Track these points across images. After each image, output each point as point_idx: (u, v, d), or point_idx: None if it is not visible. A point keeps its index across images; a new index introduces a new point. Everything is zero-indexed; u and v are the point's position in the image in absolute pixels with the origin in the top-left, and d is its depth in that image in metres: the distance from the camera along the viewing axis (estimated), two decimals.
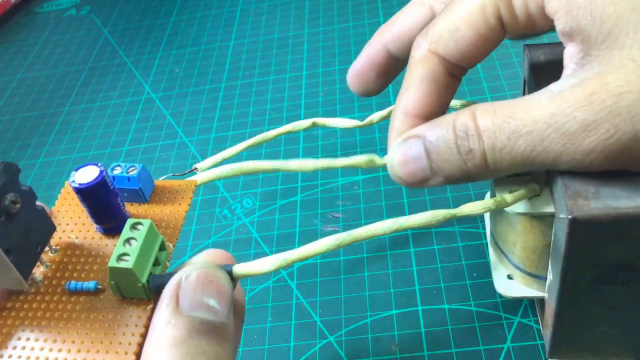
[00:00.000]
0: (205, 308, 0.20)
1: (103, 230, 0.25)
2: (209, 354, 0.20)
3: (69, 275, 0.24)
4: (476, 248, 0.35)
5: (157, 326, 0.20)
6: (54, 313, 0.23)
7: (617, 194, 0.21)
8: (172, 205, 0.26)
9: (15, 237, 0.22)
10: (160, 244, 0.23)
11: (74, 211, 0.26)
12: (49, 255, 0.24)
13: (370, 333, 0.32)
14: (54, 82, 0.59)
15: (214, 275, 0.21)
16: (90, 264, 0.24)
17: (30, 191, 0.23)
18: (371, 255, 0.36)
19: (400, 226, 0.23)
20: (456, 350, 0.31)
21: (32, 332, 0.22)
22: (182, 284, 0.21)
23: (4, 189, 0.21)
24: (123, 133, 0.50)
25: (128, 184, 0.25)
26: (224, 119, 0.49)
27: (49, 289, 0.23)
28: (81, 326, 0.22)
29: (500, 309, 0.32)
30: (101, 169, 0.24)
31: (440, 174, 0.23)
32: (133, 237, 0.22)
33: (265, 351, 0.32)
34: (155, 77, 0.56)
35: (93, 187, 0.23)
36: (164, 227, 0.25)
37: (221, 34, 0.60)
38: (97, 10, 0.69)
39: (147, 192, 0.26)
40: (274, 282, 0.36)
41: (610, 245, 0.21)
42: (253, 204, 0.41)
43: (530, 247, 0.25)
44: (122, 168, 0.26)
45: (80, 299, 0.23)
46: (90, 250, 0.24)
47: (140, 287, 0.22)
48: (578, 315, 0.24)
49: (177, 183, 0.27)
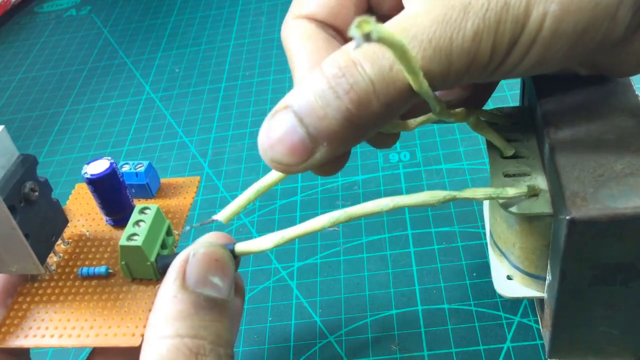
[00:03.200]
0: (210, 285, 0.21)
1: (113, 222, 0.27)
2: (211, 329, 0.21)
3: (80, 263, 0.26)
4: (476, 248, 0.35)
5: (163, 299, 0.21)
6: (67, 296, 0.24)
7: (615, 194, 0.21)
8: (177, 199, 0.28)
9: (33, 224, 0.24)
10: (167, 228, 0.24)
11: (85, 208, 0.28)
12: (61, 247, 0.26)
13: (370, 333, 0.32)
14: (54, 82, 0.59)
15: (218, 254, 0.22)
16: (101, 252, 0.26)
17: (46, 182, 0.25)
18: (371, 255, 0.36)
19: (396, 204, 0.21)
20: (456, 350, 0.31)
21: (47, 313, 0.24)
22: (189, 261, 0.22)
23: (24, 177, 0.23)
24: (123, 133, 0.50)
25: (136, 179, 0.27)
26: (224, 119, 0.49)
27: (62, 276, 0.25)
28: (93, 306, 0.24)
29: (500, 309, 0.32)
30: (111, 162, 0.26)
31: (321, 137, 0.20)
32: (142, 220, 0.23)
33: (265, 351, 0.33)
34: (155, 77, 0.56)
35: (104, 178, 0.25)
36: (170, 218, 0.27)
37: (221, 34, 0.60)
38: (97, 11, 0.69)
39: (154, 188, 0.28)
40: (274, 282, 0.36)
41: (609, 245, 0.21)
42: (253, 203, 0.41)
43: (529, 248, 0.25)
44: (130, 165, 0.28)
45: (92, 283, 0.25)
46: (101, 240, 0.26)
47: (149, 266, 0.23)
48: (577, 315, 0.24)
49: (182, 179, 0.29)
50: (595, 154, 0.23)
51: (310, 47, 0.24)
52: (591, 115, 0.24)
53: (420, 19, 0.19)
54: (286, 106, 0.20)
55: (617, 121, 0.24)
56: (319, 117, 0.19)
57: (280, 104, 0.20)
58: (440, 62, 0.19)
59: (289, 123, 0.20)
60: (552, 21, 0.19)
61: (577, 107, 0.23)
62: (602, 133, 0.23)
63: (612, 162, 0.22)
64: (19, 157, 0.24)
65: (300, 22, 0.25)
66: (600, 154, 0.23)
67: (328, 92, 0.19)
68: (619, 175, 0.22)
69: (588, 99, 0.22)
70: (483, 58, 0.19)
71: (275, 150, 0.20)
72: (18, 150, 0.24)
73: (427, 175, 0.40)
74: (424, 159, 0.42)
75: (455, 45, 0.19)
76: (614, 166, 0.22)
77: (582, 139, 0.23)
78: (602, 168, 0.22)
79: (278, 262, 0.37)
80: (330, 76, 0.19)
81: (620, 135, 0.23)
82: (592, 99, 0.24)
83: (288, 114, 0.20)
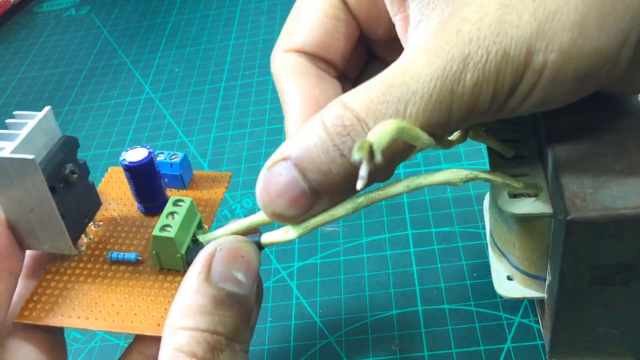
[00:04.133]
0: (233, 280, 0.22)
1: (144, 209, 0.27)
2: (230, 325, 0.21)
3: (110, 247, 0.26)
4: (476, 248, 0.35)
5: (186, 291, 0.21)
6: (95, 279, 0.25)
7: (615, 194, 0.21)
8: (208, 192, 0.28)
9: (70, 205, 0.24)
10: (198, 222, 0.24)
11: (117, 192, 0.29)
12: (92, 229, 0.27)
13: (370, 333, 0.32)
14: (53, 82, 0.59)
15: (245, 249, 0.22)
16: (130, 238, 0.26)
17: (85, 165, 0.25)
18: (371, 255, 0.36)
19: (418, 184, 0.21)
20: (456, 351, 0.31)
21: (75, 293, 0.24)
22: (215, 255, 0.22)
23: (65, 159, 0.24)
24: (123, 133, 0.50)
25: (170, 170, 0.28)
26: (224, 119, 0.49)
27: (91, 258, 0.26)
28: (121, 292, 0.24)
29: (500, 309, 0.32)
30: (150, 151, 0.26)
31: (324, 191, 0.20)
32: (175, 212, 0.24)
33: (265, 351, 0.33)
34: (155, 77, 0.56)
35: (142, 166, 0.26)
36: (201, 211, 0.27)
37: (221, 33, 0.60)
38: (96, 10, 0.69)
39: (187, 179, 0.28)
40: (274, 282, 0.36)
41: (608, 246, 0.21)
42: (253, 204, 0.41)
43: (529, 248, 0.25)
44: (165, 155, 0.28)
45: (120, 268, 0.25)
46: (132, 226, 0.27)
47: (179, 258, 0.24)
48: (577, 315, 0.24)
49: (213, 173, 0.29)
50: (595, 154, 0.23)
51: (301, 85, 0.24)
52: (591, 115, 0.24)
53: (419, 72, 0.19)
54: (285, 158, 0.20)
55: (616, 121, 0.24)
56: (323, 172, 0.19)
57: (277, 156, 0.20)
58: (440, 113, 0.19)
59: (290, 176, 0.20)
60: (552, 69, 0.19)
61: (577, 108, 0.23)
62: (601, 133, 0.23)
63: (611, 162, 0.22)
64: (62, 138, 0.24)
65: (290, 57, 0.25)
66: (600, 154, 0.23)
67: (333, 149, 0.19)
68: (618, 175, 0.22)
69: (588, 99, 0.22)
70: (483, 106, 0.20)
71: (275, 204, 0.20)
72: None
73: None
74: (424, 159, 0.42)
75: (455, 97, 0.19)
76: (613, 166, 0.22)
77: (581, 139, 0.23)
78: (601, 168, 0.22)
79: (278, 262, 0.37)
80: (335, 133, 0.19)
81: (620, 135, 0.23)
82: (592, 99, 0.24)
83: (288, 166, 0.20)
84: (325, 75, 0.25)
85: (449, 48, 0.19)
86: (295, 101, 0.24)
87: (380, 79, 0.20)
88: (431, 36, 0.20)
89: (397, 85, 0.19)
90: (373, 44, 0.27)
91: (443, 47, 0.19)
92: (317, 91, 0.24)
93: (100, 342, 0.35)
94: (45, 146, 0.23)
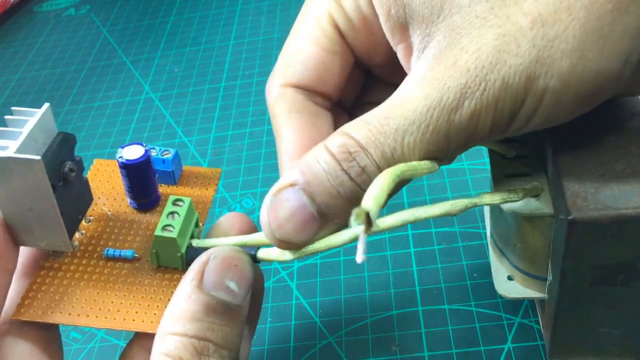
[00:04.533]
0: (225, 289, 0.22)
1: (137, 205, 0.27)
2: (218, 332, 0.21)
3: (104, 243, 0.26)
4: (476, 248, 0.35)
5: (179, 297, 0.22)
6: (91, 275, 0.25)
7: (616, 194, 0.21)
8: (199, 189, 0.28)
9: (67, 202, 0.24)
10: (196, 220, 0.25)
11: (105, 186, 0.28)
12: (83, 224, 0.27)
13: (370, 333, 0.32)
14: (53, 82, 0.58)
15: (239, 259, 0.23)
16: (124, 234, 0.26)
17: (81, 161, 0.25)
18: (371, 255, 0.36)
19: (418, 217, 0.21)
20: (456, 351, 0.31)
21: (72, 290, 0.24)
22: (209, 263, 0.22)
23: (65, 157, 0.24)
24: (122, 133, 0.50)
25: (162, 166, 0.28)
26: (224, 119, 0.49)
27: (85, 254, 0.25)
28: (118, 289, 0.24)
29: (500, 309, 0.32)
30: (146, 149, 0.26)
31: (333, 214, 0.20)
32: (176, 212, 0.24)
33: (265, 351, 0.32)
34: (155, 76, 0.56)
35: (139, 164, 0.26)
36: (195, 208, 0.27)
37: (221, 33, 0.60)
38: (96, 10, 0.69)
39: (177, 175, 0.28)
40: (274, 282, 0.36)
41: (609, 246, 0.21)
42: (253, 204, 0.41)
43: (530, 248, 0.25)
44: (157, 151, 0.28)
45: (116, 265, 0.25)
46: (124, 222, 0.27)
47: (179, 257, 0.24)
48: (578, 316, 0.24)
49: (202, 169, 0.29)
50: (596, 153, 0.23)
51: (297, 124, 0.24)
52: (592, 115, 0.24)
53: (416, 104, 0.20)
54: (292, 184, 0.20)
55: (617, 121, 0.24)
56: (332, 195, 0.20)
57: (282, 183, 0.21)
58: (438, 142, 0.20)
59: (298, 201, 0.20)
60: (552, 94, 0.19)
61: None
62: (602, 133, 0.23)
63: (612, 162, 0.22)
64: (59, 135, 0.24)
65: (286, 92, 0.25)
66: (601, 154, 0.23)
67: (341, 173, 0.20)
68: (619, 175, 0.21)
69: None
70: (483, 132, 0.20)
71: (283, 229, 0.20)
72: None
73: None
74: None
75: (452, 126, 0.19)
76: (614, 166, 0.22)
77: (582, 139, 0.23)
78: (602, 168, 0.22)
79: (278, 263, 0.37)
80: (342, 159, 0.20)
81: (621, 135, 0.23)
82: None
83: (296, 192, 0.20)
84: (320, 111, 0.25)
85: (445, 79, 0.19)
86: (291, 138, 0.24)
87: (378, 111, 0.20)
88: (428, 69, 0.20)
89: (394, 117, 0.20)
90: (371, 67, 0.27)
91: (439, 79, 0.19)
92: (313, 130, 0.24)
93: (100, 342, 0.34)
94: (43, 143, 0.23)
